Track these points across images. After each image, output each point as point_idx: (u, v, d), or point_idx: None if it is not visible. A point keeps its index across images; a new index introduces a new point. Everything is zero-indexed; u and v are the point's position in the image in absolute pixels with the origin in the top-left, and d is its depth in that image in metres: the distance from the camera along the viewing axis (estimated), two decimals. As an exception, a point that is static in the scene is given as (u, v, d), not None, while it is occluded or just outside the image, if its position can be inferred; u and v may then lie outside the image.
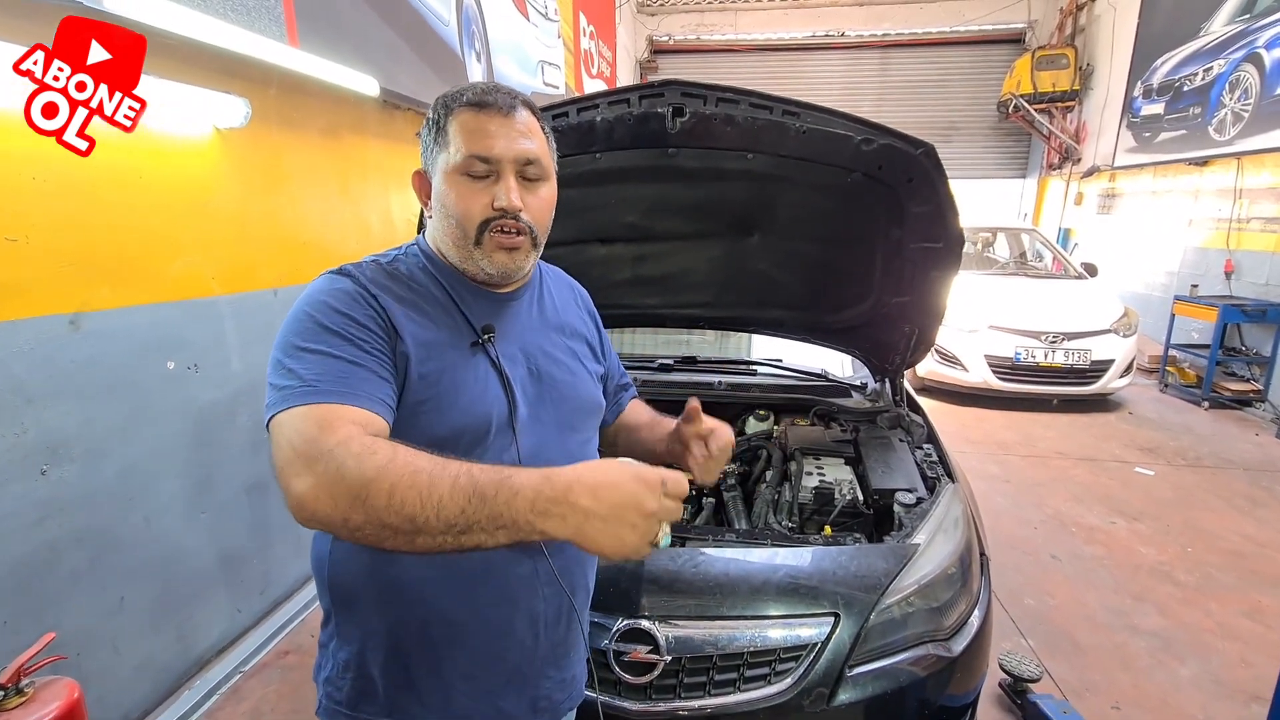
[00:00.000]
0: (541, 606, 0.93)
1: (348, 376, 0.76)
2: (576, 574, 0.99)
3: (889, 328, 2.05)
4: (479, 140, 0.85)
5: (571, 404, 0.99)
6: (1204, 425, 5.06)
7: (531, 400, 0.93)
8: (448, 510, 0.65)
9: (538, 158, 0.88)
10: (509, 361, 0.92)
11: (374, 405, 0.76)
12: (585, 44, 7.18)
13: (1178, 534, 3.34)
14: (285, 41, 2.40)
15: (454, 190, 0.86)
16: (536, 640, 0.94)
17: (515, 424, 0.89)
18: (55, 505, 1.71)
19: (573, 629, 1.00)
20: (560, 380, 0.98)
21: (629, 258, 2.06)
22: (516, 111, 0.88)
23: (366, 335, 0.80)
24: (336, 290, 0.83)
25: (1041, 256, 7.10)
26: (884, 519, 1.70)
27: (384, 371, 0.80)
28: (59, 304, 1.71)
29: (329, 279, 0.86)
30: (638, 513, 0.67)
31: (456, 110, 0.87)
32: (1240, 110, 5.70)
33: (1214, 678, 2.30)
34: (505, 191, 0.85)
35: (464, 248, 0.88)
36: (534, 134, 0.89)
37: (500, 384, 0.90)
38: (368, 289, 0.84)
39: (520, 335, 0.96)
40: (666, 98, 1.52)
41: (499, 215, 0.86)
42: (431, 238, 0.95)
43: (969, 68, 9.88)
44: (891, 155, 1.58)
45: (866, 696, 1.29)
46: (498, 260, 0.88)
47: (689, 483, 0.95)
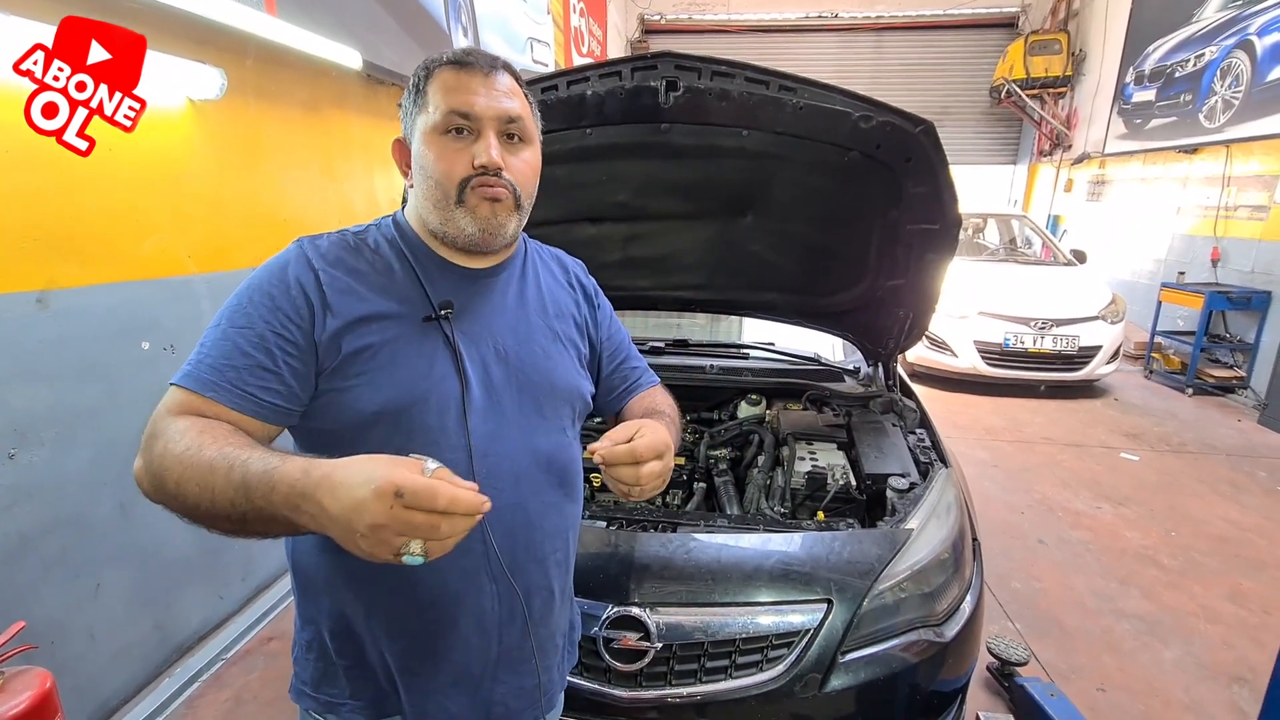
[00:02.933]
0: (490, 605, 0.88)
1: (229, 365, 0.76)
2: (534, 572, 0.91)
3: (883, 311, 2.02)
4: (459, 96, 0.82)
5: (543, 390, 0.92)
6: (1188, 411, 5.11)
7: (495, 384, 0.88)
8: (221, 503, 0.65)
9: (520, 117, 0.86)
10: (469, 341, 0.87)
11: (238, 400, 0.76)
12: (575, 21, 7.04)
13: (1162, 519, 3.37)
14: (262, 9, 2.30)
15: (433, 150, 0.83)
16: (486, 640, 0.89)
17: (467, 407, 0.84)
18: (24, 491, 1.65)
19: (537, 627, 0.93)
20: (532, 364, 0.92)
21: (619, 238, 2.01)
22: (498, 72, 0.85)
23: (276, 321, 0.79)
24: (278, 266, 0.83)
25: (1031, 243, 7.12)
26: (877, 504, 1.69)
27: (277, 362, 0.77)
28: (24, 281, 1.64)
29: (283, 252, 0.86)
30: (362, 523, 0.59)
31: (437, 71, 0.84)
32: (1231, 97, 5.70)
33: (1197, 660, 2.32)
34: (485, 148, 0.82)
35: (445, 208, 0.84)
36: (516, 95, 0.87)
37: (452, 363, 0.85)
38: (310, 263, 0.83)
39: (490, 316, 0.90)
40: (660, 70, 1.47)
41: (480, 172, 0.82)
42: (410, 210, 0.91)
43: (962, 52, 9.82)
44: (890, 133, 1.54)
45: (859, 682, 1.28)
46: (481, 214, 0.84)
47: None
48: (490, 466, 0.85)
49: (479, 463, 0.84)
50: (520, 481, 0.88)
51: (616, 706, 1.26)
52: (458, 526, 0.61)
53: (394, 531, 0.59)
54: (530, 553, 0.90)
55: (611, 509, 1.65)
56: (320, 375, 0.80)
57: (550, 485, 0.92)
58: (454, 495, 0.60)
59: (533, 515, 0.90)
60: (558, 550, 0.95)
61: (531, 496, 0.90)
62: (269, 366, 0.77)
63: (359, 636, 0.88)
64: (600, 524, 1.52)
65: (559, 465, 0.94)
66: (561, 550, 0.97)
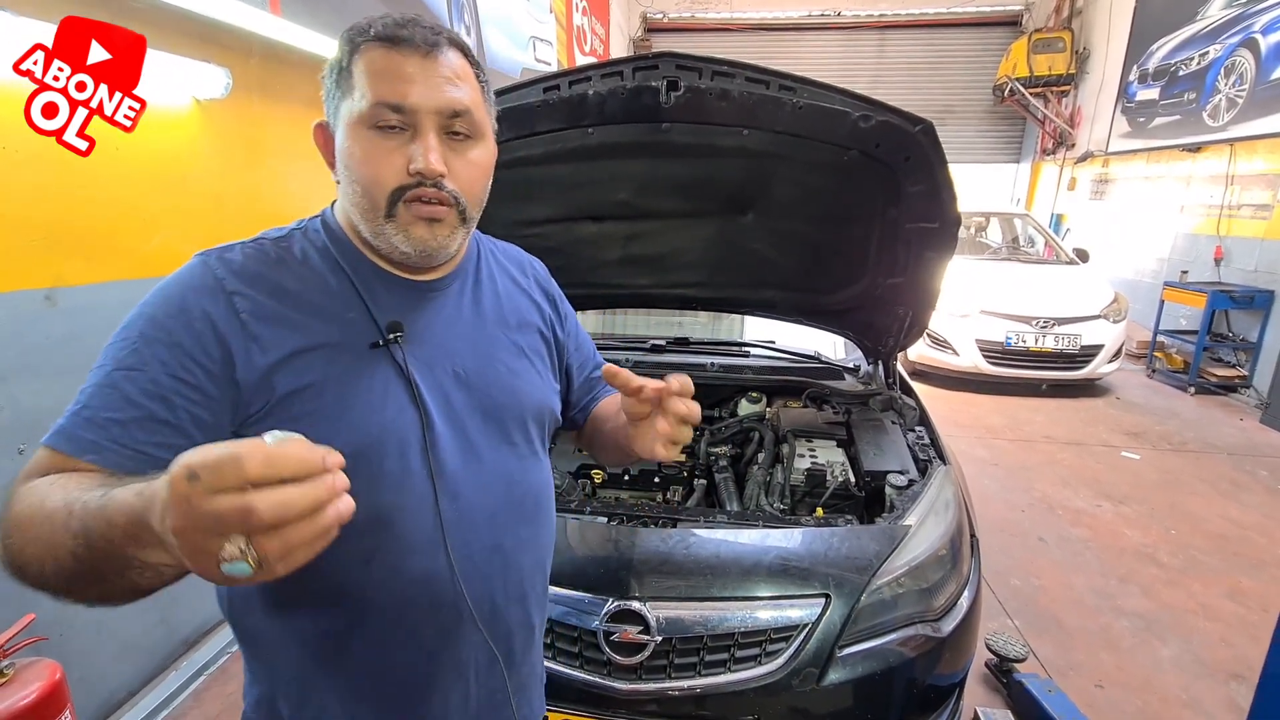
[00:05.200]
0: (469, 654, 0.78)
1: (113, 419, 0.61)
2: (515, 613, 0.81)
3: (883, 310, 2.03)
4: (389, 84, 0.67)
5: (510, 413, 0.81)
6: (1190, 410, 5.11)
7: (457, 411, 0.76)
8: (64, 560, 0.52)
9: (467, 109, 0.70)
10: (423, 366, 0.74)
11: (126, 460, 0.60)
12: (578, 20, 7.05)
13: (1162, 517, 3.38)
14: (267, 9, 2.32)
15: (359, 147, 0.68)
16: (467, 689, 0.79)
17: (430, 442, 0.72)
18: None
19: (516, 669, 0.85)
20: (497, 384, 0.80)
21: (620, 236, 2.02)
22: (441, 51, 0.69)
23: (176, 362, 0.63)
24: (179, 290, 0.67)
25: (1034, 242, 7.11)
26: (875, 501, 1.70)
27: (177, 413, 0.62)
28: (33, 279, 1.66)
29: (183, 271, 0.70)
30: (168, 532, 0.44)
31: (364, 47, 0.68)
32: (1235, 96, 5.69)
33: (1195, 657, 2.33)
34: (423, 151, 0.67)
35: (374, 222, 0.70)
36: (464, 80, 0.71)
37: (408, 394, 0.72)
38: (222, 286, 0.67)
39: (445, 334, 0.78)
40: (661, 70, 1.48)
41: (415, 182, 0.68)
42: (341, 209, 0.76)
43: (965, 50, 9.81)
44: (889, 132, 1.55)
45: (856, 676, 1.30)
46: (416, 235, 0.70)
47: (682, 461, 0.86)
48: (461, 509, 0.74)
49: (448, 506, 0.73)
50: (495, 520, 0.78)
51: (616, 699, 1.28)
52: (292, 505, 0.43)
53: (201, 530, 0.42)
54: (510, 593, 0.80)
55: (612, 505, 1.66)
56: (247, 421, 0.66)
57: (525, 518, 0.82)
58: (269, 456, 0.42)
59: (510, 554, 0.79)
60: (537, 585, 0.86)
61: (507, 534, 0.79)
62: (166, 419, 0.62)
63: (318, 702, 0.75)
64: (601, 520, 1.53)
65: (533, 494, 0.84)
66: (541, 583, 0.88)
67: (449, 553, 0.73)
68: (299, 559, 0.45)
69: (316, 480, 0.45)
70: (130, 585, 0.53)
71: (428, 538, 0.72)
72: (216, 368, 0.65)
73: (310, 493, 0.44)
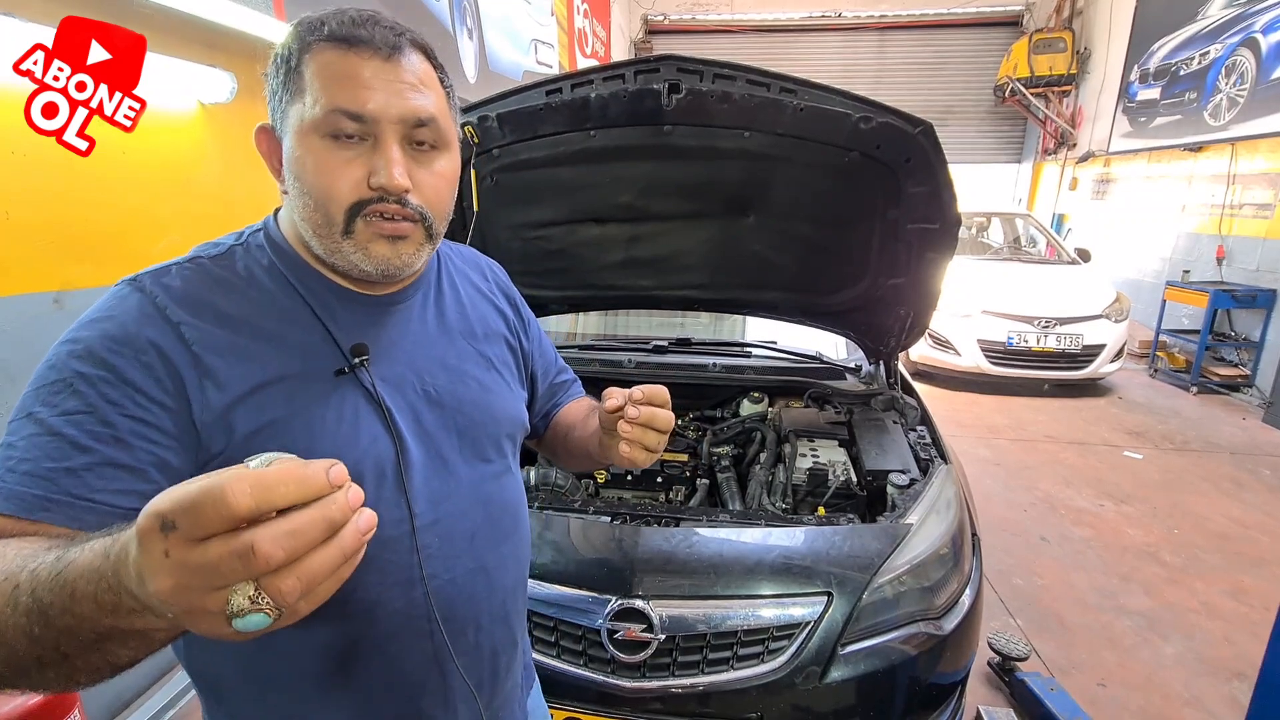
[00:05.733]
0: (456, 682, 0.74)
1: (61, 469, 0.53)
2: (500, 633, 0.79)
3: (884, 310, 2.04)
4: (347, 90, 0.60)
5: (485, 429, 0.77)
6: (1192, 410, 5.11)
7: (430, 432, 0.71)
8: (17, 644, 0.43)
9: (433, 117, 0.64)
10: (393, 388, 0.69)
11: (83, 514, 0.52)
12: (579, 22, 7.07)
13: (1164, 516, 3.38)
14: (271, 14, 2.34)
15: (311, 157, 0.62)
16: (456, 716, 0.77)
17: (405, 469, 0.68)
18: None
19: (499, 688, 0.82)
20: (469, 400, 0.76)
21: (623, 238, 2.03)
22: (403, 54, 0.63)
23: (128, 400, 0.56)
24: (107, 323, 0.58)
25: (1035, 242, 7.11)
26: (877, 500, 1.71)
27: (136, 455, 0.55)
28: (41, 282, 1.68)
29: (112, 299, 0.61)
30: (155, 597, 0.37)
31: (315, 46, 0.62)
32: (1235, 95, 5.69)
33: (1198, 655, 2.34)
34: (385, 164, 0.62)
35: (329, 238, 0.64)
36: (428, 86, 0.65)
37: (380, 421, 0.67)
38: (164, 314, 0.59)
39: (411, 351, 0.73)
40: (662, 73, 1.50)
41: (376, 197, 0.63)
42: (287, 220, 0.69)
43: (966, 51, 9.82)
44: (890, 134, 1.56)
45: (858, 674, 1.30)
46: (376, 254, 0.64)
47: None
48: (440, 534, 0.71)
49: (426, 534, 0.69)
50: (475, 542, 0.75)
51: (620, 697, 1.29)
52: (303, 533, 0.36)
53: (194, 589, 0.35)
54: (494, 614, 0.78)
55: (615, 505, 1.68)
56: (207, 466, 0.58)
57: (505, 535, 0.80)
58: (259, 481, 0.35)
59: (493, 574, 0.77)
60: (519, 599, 0.85)
61: (489, 554, 0.76)
62: (125, 462, 0.55)
63: None
64: (605, 519, 1.54)
65: (510, 510, 0.81)
66: (522, 598, 0.86)
67: (425, 583, 0.69)
68: (324, 594, 0.39)
69: (326, 500, 0.37)
70: (108, 662, 0.44)
71: (405, 569, 0.68)
72: (173, 403, 0.58)
73: (322, 514, 0.37)
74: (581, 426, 0.94)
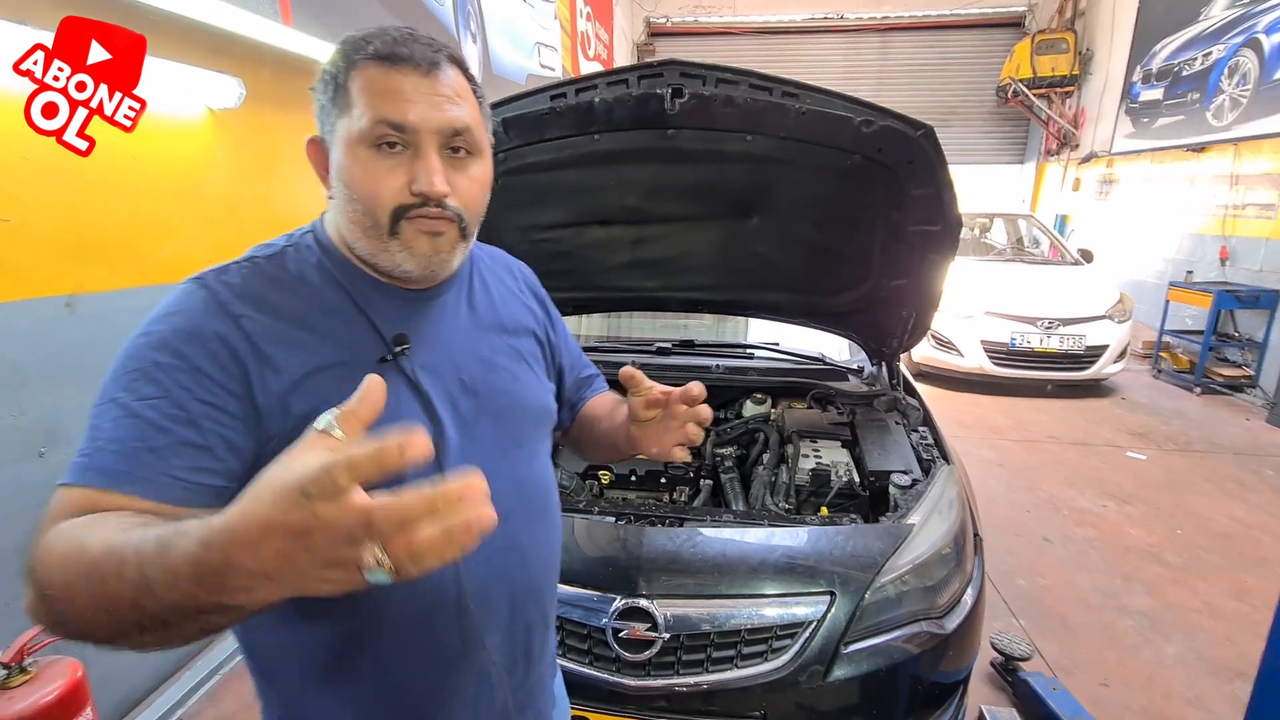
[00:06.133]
0: (498, 656, 0.79)
1: (143, 447, 0.58)
2: (533, 610, 0.84)
3: (886, 311, 2.05)
4: (390, 104, 0.66)
5: (516, 415, 0.83)
6: (1195, 410, 5.10)
7: (466, 419, 0.77)
8: (123, 612, 0.47)
9: (468, 127, 0.70)
10: (431, 375, 0.75)
11: (163, 490, 0.58)
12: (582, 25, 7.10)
13: (1167, 516, 3.38)
14: (278, 20, 2.37)
15: (359, 166, 0.68)
16: (493, 692, 0.80)
17: (442, 450, 0.73)
18: (54, 488, 1.71)
19: (534, 666, 0.87)
20: (501, 389, 0.81)
21: (628, 240, 2.05)
22: (441, 69, 0.69)
23: (199, 386, 0.62)
24: (177, 317, 0.65)
25: (1038, 242, 7.11)
26: (880, 500, 1.72)
27: (207, 437, 0.61)
28: (54, 286, 1.70)
29: (180, 295, 0.68)
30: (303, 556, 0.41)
31: (360, 64, 0.67)
32: (1238, 96, 5.69)
33: (1200, 655, 2.34)
34: (426, 172, 0.67)
35: (375, 239, 0.70)
36: (463, 98, 0.71)
37: (420, 405, 0.73)
38: (227, 308, 0.66)
39: (447, 342, 0.79)
40: (666, 78, 1.51)
41: (419, 202, 0.68)
42: (332, 224, 0.76)
43: (968, 52, 9.82)
44: (892, 137, 1.57)
45: (861, 673, 1.32)
46: (419, 250, 0.70)
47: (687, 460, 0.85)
48: None
49: None
50: (510, 521, 0.76)
51: (625, 695, 1.30)
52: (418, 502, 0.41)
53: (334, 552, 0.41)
54: (529, 592, 0.83)
55: (620, 505, 1.69)
56: (266, 446, 0.64)
57: (535, 515, 0.85)
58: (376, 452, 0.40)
59: (526, 553, 0.82)
60: (551, 580, 0.90)
61: (522, 533, 0.81)
62: (197, 442, 0.60)
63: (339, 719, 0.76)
64: (609, 519, 1.56)
65: (542, 493, 0.87)
66: (553, 580, 0.91)
67: (457, 562, 0.70)
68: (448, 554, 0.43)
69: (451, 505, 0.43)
70: (203, 629, 0.49)
71: None
72: (237, 387, 0.64)
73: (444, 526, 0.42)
74: (608, 419, 0.98)
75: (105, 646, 0.50)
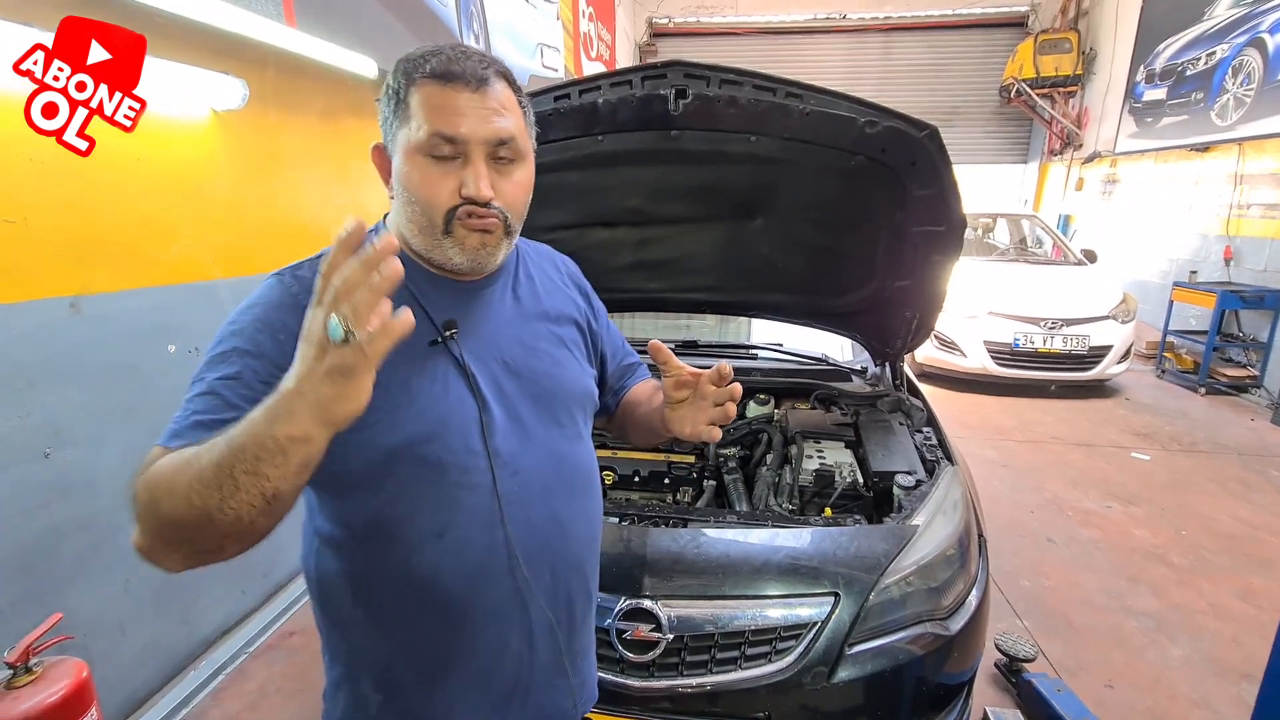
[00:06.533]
0: (537, 615, 0.87)
1: (219, 420, 0.68)
2: (574, 580, 0.91)
3: (890, 312, 2.05)
4: (444, 118, 0.75)
5: (557, 398, 0.90)
6: (1200, 411, 5.09)
7: (509, 399, 0.85)
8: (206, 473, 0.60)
9: (512, 137, 0.79)
10: (477, 359, 0.83)
11: None
12: (584, 26, 7.10)
13: (1172, 517, 3.37)
14: (282, 21, 2.37)
15: (417, 172, 0.77)
16: (533, 652, 0.88)
17: (487, 425, 0.81)
18: (58, 488, 1.72)
19: (577, 634, 0.94)
20: (543, 372, 0.89)
21: (631, 241, 2.05)
22: (489, 85, 0.78)
23: (265, 371, 0.72)
24: (256, 308, 0.77)
25: (1041, 243, 7.09)
26: (883, 501, 1.72)
27: None
28: (59, 287, 1.70)
29: (262, 289, 0.80)
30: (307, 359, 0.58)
31: (419, 82, 0.77)
32: (1243, 95, 5.67)
33: (1205, 657, 2.33)
34: (474, 179, 0.76)
35: (430, 236, 0.80)
36: (509, 110, 0.80)
37: (466, 384, 0.82)
38: (298, 301, 0.75)
39: (493, 329, 0.87)
40: (669, 79, 1.51)
41: (467, 203, 0.77)
42: (393, 221, 0.86)
43: (971, 52, 9.80)
44: (895, 138, 1.57)
45: (865, 674, 1.31)
46: (470, 245, 0.79)
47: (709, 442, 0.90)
48: (520, 483, 0.84)
49: (507, 482, 0.82)
50: (550, 493, 0.87)
51: (630, 696, 1.30)
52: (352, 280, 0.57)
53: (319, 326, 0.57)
54: (568, 562, 0.90)
55: (623, 506, 1.69)
56: None
57: (577, 492, 0.92)
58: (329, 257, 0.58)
59: (566, 525, 0.89)
60: (593, 553, 0.96)
61: (562, 506, 0.88)
62: None
63: (398, 673, 0.85)
64: (613, 519, 1.56)
65: (583, 471, 0.93)
66: (595, 553, 0.97)
67: (505, 525, 0.82)
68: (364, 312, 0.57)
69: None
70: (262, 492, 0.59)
71: (489, 511, 0.81)
72: None
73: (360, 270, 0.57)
74: (647, 404, 1.06)
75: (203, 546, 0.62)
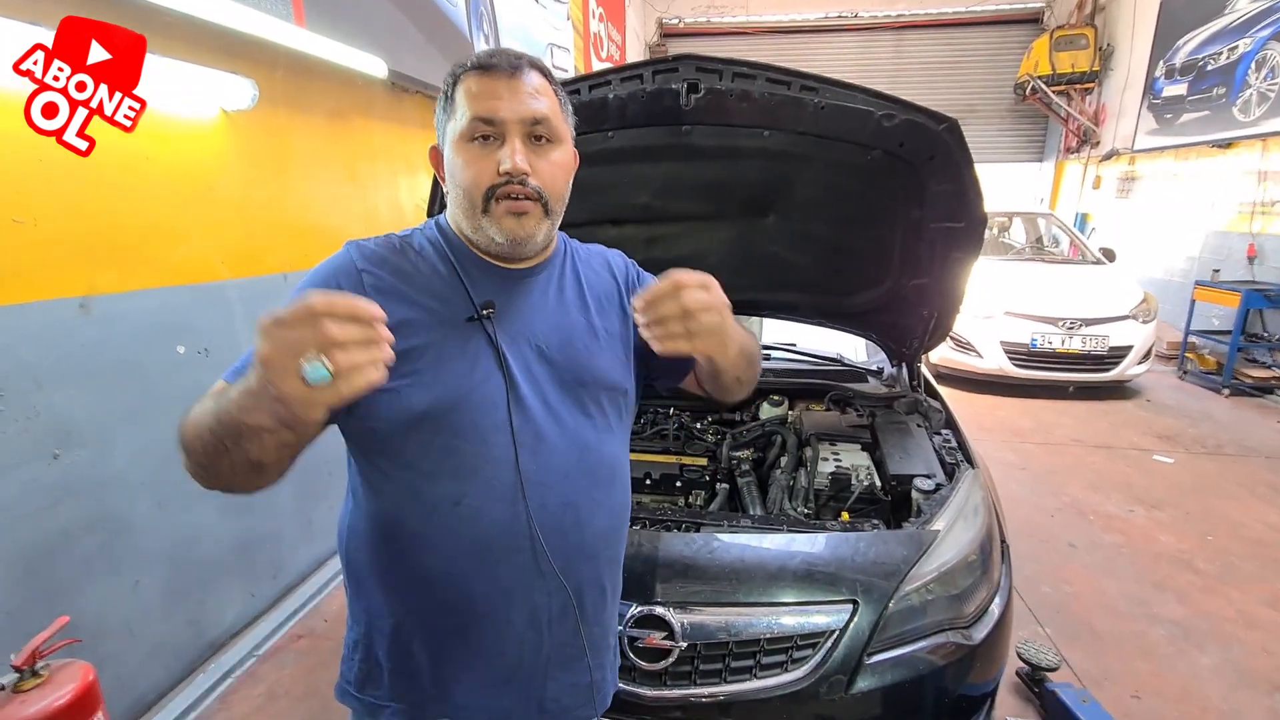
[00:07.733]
0: (542, 600, 0.88)
1: None
2: (585, 569, 0.92)
3: (907, 311, 2.00)
4: (482, 102, 0.82)
5: (587, 388, 0.92)
6: (1224, 412, 4.97)
7: (539, 383, 0.88)
8: (207, 438, 0.71)
9: (546, 117, 0.84)
10: (510, 340, 0.88)
11: None
12: (595, 26, 7.08)
13: (1198, 522, 3.28)
14: (292, 21, 2.36)
15: (460, 157, 0.84)
16: (539, 637, 0.90)
17: (513, 404, 0.85)
18: (67, 490, 1.71)
19: (587, 627, 0.93)
20: (576, 361, 0.92)
21: (641, 239, 2.02)
22: (523, 73, 0.84)
23: None
24: (324, 269, 0.87)
25: (1058, 241, 6.99)
26: (902, 505, 1.67)
27: None
28: (68, 287, 1.70)
29: (335, 255, 0.89)
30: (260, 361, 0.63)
31: (463, 76, 0.85)
32: (1266, 90, 5.55)
33: (1236, 666, 2.26)
34: (510, 154, 0.81)
35: (473, 217, 0.85)
36: (543, 94, 0.86)
37: (496, 361, 0.86)
38: (355, 265, 0.86)
39: (531, 315, 0.91)
40: (681, 73, 1.48)
41: (505, 180, 0.82)
42: (450, 214, 0.93)
43: (985, 49, 9.68)
44: (913, 131, 1.53)
45: (885, 684, 1.27)
46: (506, 226, 0.84)
47: None
48: (539, 465, 0.86)
49: (527, 461, 0.85)
50: (569, 479, 0.88)
51: (641, 705, 1.27)
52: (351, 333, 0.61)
53: (285, 349, 0.61)
54: (581, 550, 0.90)
55: (635, 509, 1.65)
56: None
57: (599, 483, 0.92)
58: (327, 296, 0.61)
59: (583, 513, 0.90)
60: (609, 549, 0.96)
61: (581, 494, 0.90)
62: None
63: (407, 635, 0.89)
64: (624, 524, 1.52)
65: (607, 462, 0.94)
66: (613, 548, 0.97)
67: (526, 502, 0.85)
68: (359, 380, 0.62)
69: (366, 326, 0.62)
70: (248, 458, 0.70)
71: (509, 487, 0.84)
72: None
73: (365, 331, 0.62)
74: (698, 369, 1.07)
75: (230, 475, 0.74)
